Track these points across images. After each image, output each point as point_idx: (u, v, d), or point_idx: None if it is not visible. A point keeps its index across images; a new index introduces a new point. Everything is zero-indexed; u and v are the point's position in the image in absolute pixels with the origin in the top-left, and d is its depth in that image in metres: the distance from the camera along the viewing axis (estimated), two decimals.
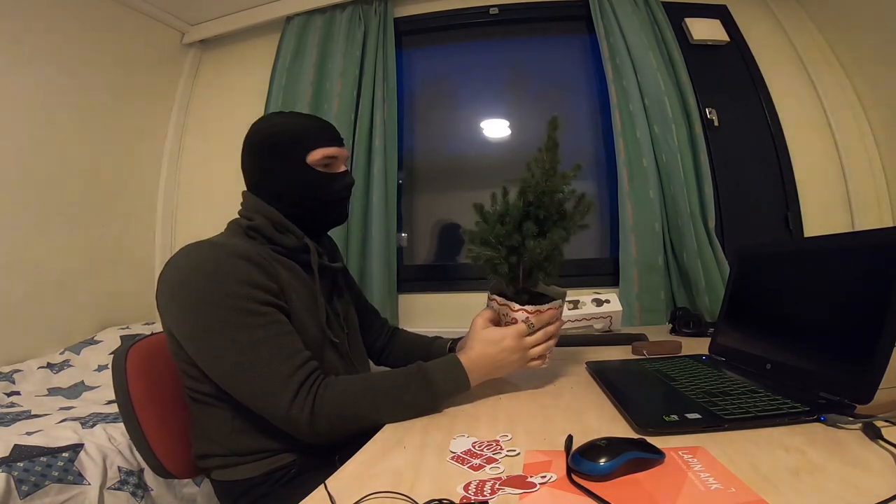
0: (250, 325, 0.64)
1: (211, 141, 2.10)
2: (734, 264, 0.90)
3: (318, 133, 0.80)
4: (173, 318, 0.69)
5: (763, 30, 1.78)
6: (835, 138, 1.66)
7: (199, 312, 0.65)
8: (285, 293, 0.72)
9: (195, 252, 0.69)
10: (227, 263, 0.66)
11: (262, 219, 0.77)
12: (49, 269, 1.63)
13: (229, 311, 0.64)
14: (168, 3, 1.96)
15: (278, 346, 0.65)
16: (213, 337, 0.64)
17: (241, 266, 0.67)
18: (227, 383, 0.66)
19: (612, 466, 0.42)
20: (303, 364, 0.66)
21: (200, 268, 0.66)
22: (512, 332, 0.72)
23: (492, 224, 0.74)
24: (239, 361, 0.63)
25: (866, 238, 0.60)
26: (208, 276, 0.65)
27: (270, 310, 0.67)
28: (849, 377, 0.55)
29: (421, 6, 1.97)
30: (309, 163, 0.78)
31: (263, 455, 0.71)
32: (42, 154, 1.63)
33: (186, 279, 0.66)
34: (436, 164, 1.97)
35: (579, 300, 1.27)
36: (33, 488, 0.88)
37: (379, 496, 0.43)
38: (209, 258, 0.67)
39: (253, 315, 0.65)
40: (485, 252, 0.73)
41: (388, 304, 1.70)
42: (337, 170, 0.82)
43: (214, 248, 0.69)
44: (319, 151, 0.78)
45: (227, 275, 0.65)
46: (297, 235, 0.79)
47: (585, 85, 1.90)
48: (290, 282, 0.74)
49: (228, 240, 0.74)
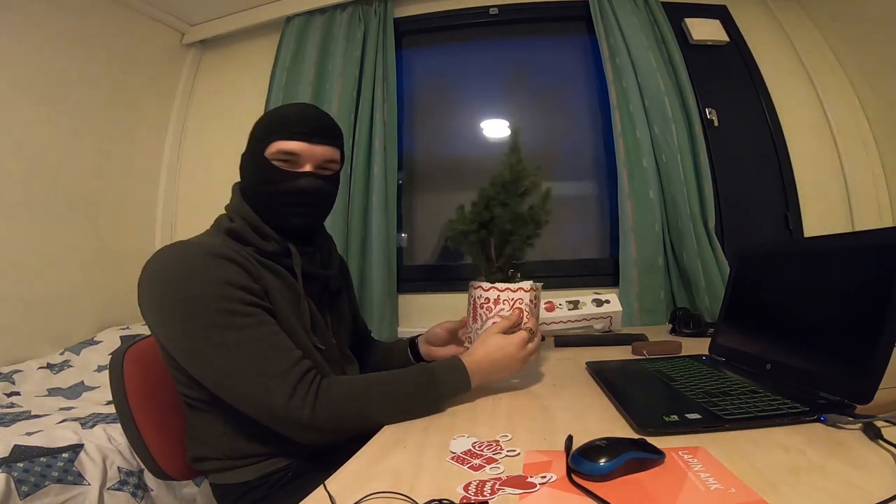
0: (237, 325, 0.62)
1: (211, 141, 2.10)
2: (734, 264, 0.90)
3: (285, 125, 0.74)
4: (156, 324, 0.66)
5: (763, 30, 1.79)
6: (835, 138, 1.67)
7: (182, 317, 0.62)
8: (269, 296, 0.69)
9: (173, 254, 0.66)
10: (206, 265, 0.64)
11: (241, 221, 0.75)
12: (49, 270, 1.63)
13: (213, 314, 0.61)
14: (168, 4, 1.96)
15: (268, 345, 0.63)
16: (198, 341, 0.62)
17: (221, 266, 0.64)
18: (219, 387, 0.64)
19: (612, 466, 0.42)
20: (297, 362, 0.64)
21: (179, 270, 0.63)
22: (516, 339, 0.74)
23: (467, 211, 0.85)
24: (228, 363, 0.61)
25: (866, 238, 0.60)
26: (188, 279, 0.62)
27: (255, 310, 0.65)
28: (849, 377, 0.55)
29: (421, 6, 1.97)
30: (265, 155, 0.74)
31: (258, 458, 0.71)
32: (42, 154, 1.63)
33: (166, 283, 0.63)
34: (436, 165, 1.97)
35: (579, 300, 1.27)
36: (33, 488, 0.88)
37: (379, 496, 0.43)
38: (188, 260, 0.64)
39: (238, 315, 0.63)
40: (459, 226, 0.82)
41: (388, 305, 1.70)
42: (297, 168, 0.75)
43: (193, 248, 0.66)
44: (276, 145, 0.73)
45: (207, 276, 0.63)
46: (276, 240, 0.75)
47: (585, 85, 1.90)
48: (275, 284, 0.72)
49: (208, 239, 0.72)
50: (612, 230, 1.72)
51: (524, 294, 0.78)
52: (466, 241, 0.82)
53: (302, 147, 0.74)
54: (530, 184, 0.82)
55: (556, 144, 1.93)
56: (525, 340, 0.74)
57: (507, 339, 0.74)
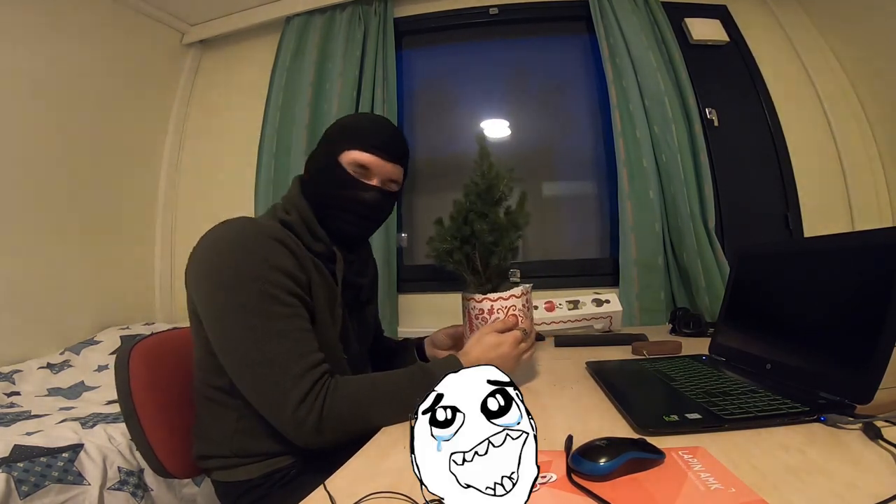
0: (273, 314, 0.63)
1: (211, 141, 2.10)
2: (734, 264, 0.90)
3: (363, 137, 0.78)
4: (199, 290, 0.67)
5: (763, 30, 1.79)
6: (835, 138, 1.67)
7: (226, 291, 0.63)
8: (312, 290, 0.71)
9: (235, 227, 0.67)
10: (262, 244, 0.65)
11: (296, 215, 0.76)
12: (49, 270, 1.63)
13: (255, 296, 0.62)
14: (168, 4, 1.96)
15: (294, 342, 0.64)
16: (233, 319, 0.63)
17: (276, 250, 0.66)
18: (237, 371, 0.64)
19: (612, 466, 0.42)
20: (316, 365, 0.64)
21: (236, 245, 0.65)
22: (509, 338, 0.75)
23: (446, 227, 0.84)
24: (253, 349, 0.62)
25: (866, 238, 0.60)
26: (242, 255, 0.64)
27: (295, 301, 0.66)
28: (849, 377, 0.55)
29: (421, 6, 1.97)
30: (340, 160, 0.77)
31: (263, 457, 0.71)
32: (42, 154, 1.63)
33: (220, 254, 0.65)
34: (436, 164, 1.97)
35: (579, 300, 1.27)
36: (33, 488, 0.88)
37: (379, 496, 0.43)
38: (247, 236, 0.66)
39: (277, 303, 0.64)
40: (442, 245, 0.81)
41: (388, 305, 1.70)
42: (367, 180, 0.78)
43: (253, 225, 0.68)
44: (351, 154, 0.77)
45: (261, 256, 0.64)
46: (324, 242, 0.77)
47: (585, 85, 1.90)
48: (318, 281, 0.73)
49: (268, 221, 0.73)
50: (612, 230, 1.72)
51: (516, 300, 0.79)
52: (451, 259, 0.82)
53: (373, 161, 0.77)
54: (506, 188, 0.81)
55: (556, 144, 1.93)
56: (518, 339, 0.75)
57: (500, 338, 0.75)
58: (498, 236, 0.79)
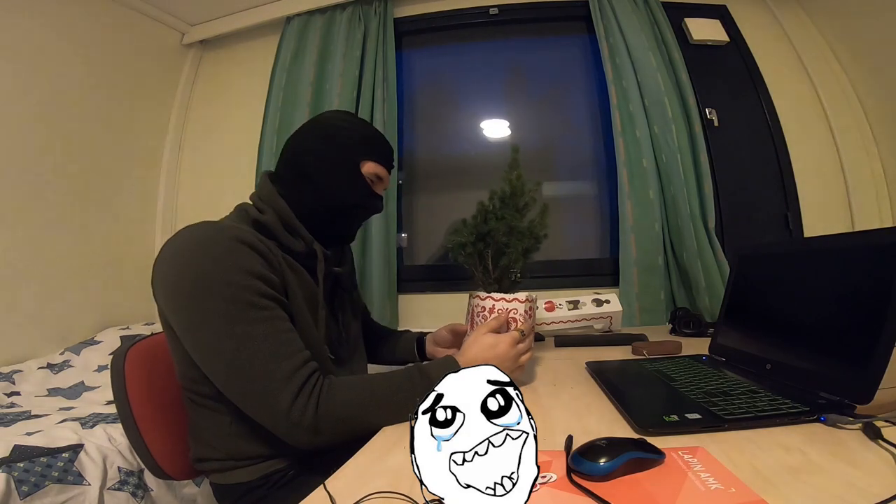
0: (250, 318, 0.61)
1: (211, 141, 2.10)
2: (734, 264, 0.90)
3: (380, 149, 0.82)
4: (168, 304, 0.64)
5: (763, 30, 1.78)
6: (835, 138, 1.67)
7: (196, 301, 0.60)
8: (288, 291, 0.69)
9: (197, 233, 0.64)
10: (230, 249, 0.62)
11: (272, 215, 0.73)
12: (49, 270, 1.63)
13: (228, 302, 0.60)
14: (168, 4, 1.96)
15: (278, 344, 0.62)
16: (209, 329, 0.60)
17: (244, 253, 0.63)
18: (222, 381, 0.62)
19: (612, 466, 0.42)
20: (303, 364, 0.63)
21: (201, 251, 0.62)
22: (507, 338, 0.74)
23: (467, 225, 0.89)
24: (235, 358, 0.60)
25: (866, 238, 0.60)
26: (208, 262, 0.61)
27: (271, 304, 0.64)
28: (849, 377, 0.55)
29: (421, 6, 1.97)
30: (361, 170, 0.80)
31: (260, 459, 0.71)
32: (42, 154, 1.63)
33: (185, 263, 0.61)
34: (436, 164, 1.97)
35: (579, 300, 1.27)
36: (33, 489, 0.88)
37: (379, 496, 0.43)
38: (211, 241, 0.62)
39: (253, 308, 0.61)
40: (458, 238, 0.85)
41: (388, 305, 1.70)
42: (377, 190, 0.83)
43: (218, 230, 0.64)
44: (371, 165, 0.80)
45: (228, 261, 0.61)
46: (306, 240, 0.76)
47: (585, 85, 1.90)
48: (294, 281, 0.71)
49: (234, 223, 0.69)
50: (612, 230, 1.72)
51: (519, 305, 0.79)
52: (464, 252, 0.85)
53: (386, 175, 0.84)
54: (529, 199, 0.84)
55: (556, 144, 1.93)
56: (516, 340, 0.75)
57: (497, 338, 0.74)
58: (512, 239, 0.81)
